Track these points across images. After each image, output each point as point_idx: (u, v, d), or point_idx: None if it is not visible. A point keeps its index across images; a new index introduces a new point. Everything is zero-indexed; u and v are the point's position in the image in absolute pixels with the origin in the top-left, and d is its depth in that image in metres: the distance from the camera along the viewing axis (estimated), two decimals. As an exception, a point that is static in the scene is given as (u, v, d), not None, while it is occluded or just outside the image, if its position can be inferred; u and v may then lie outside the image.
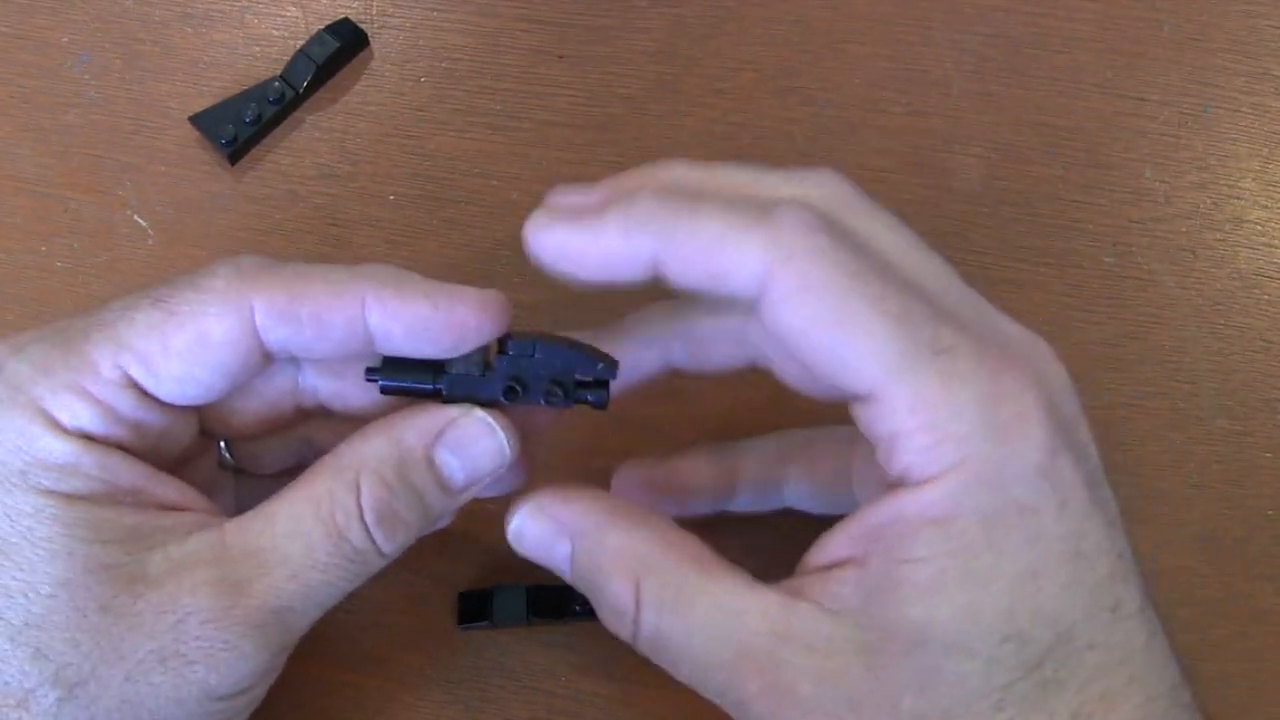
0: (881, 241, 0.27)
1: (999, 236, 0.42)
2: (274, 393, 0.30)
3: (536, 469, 0.32)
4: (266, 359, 0.28)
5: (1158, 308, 0.41)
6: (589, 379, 0.29)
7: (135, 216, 0.42)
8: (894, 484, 0.25)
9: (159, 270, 0.41)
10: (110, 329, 0.27)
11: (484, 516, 0.33)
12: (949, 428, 0.24)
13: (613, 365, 0.29)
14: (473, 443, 0.28)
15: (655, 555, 0.27)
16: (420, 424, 0.28)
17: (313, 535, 0.27)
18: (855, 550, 0.26)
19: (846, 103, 0.44)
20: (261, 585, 0.26)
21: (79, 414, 0.26)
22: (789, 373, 0.30)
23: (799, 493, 0.34)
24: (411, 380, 0.29)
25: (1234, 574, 0.37)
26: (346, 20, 0.45)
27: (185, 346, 0.27)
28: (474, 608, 0.35)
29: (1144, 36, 0.45)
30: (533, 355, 0.28)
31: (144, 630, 0.25)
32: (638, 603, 0.26)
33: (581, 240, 0.27)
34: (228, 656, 0.26)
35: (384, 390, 0.29)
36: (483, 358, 0.29)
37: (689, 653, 0.26)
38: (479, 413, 0.28)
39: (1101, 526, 0.25)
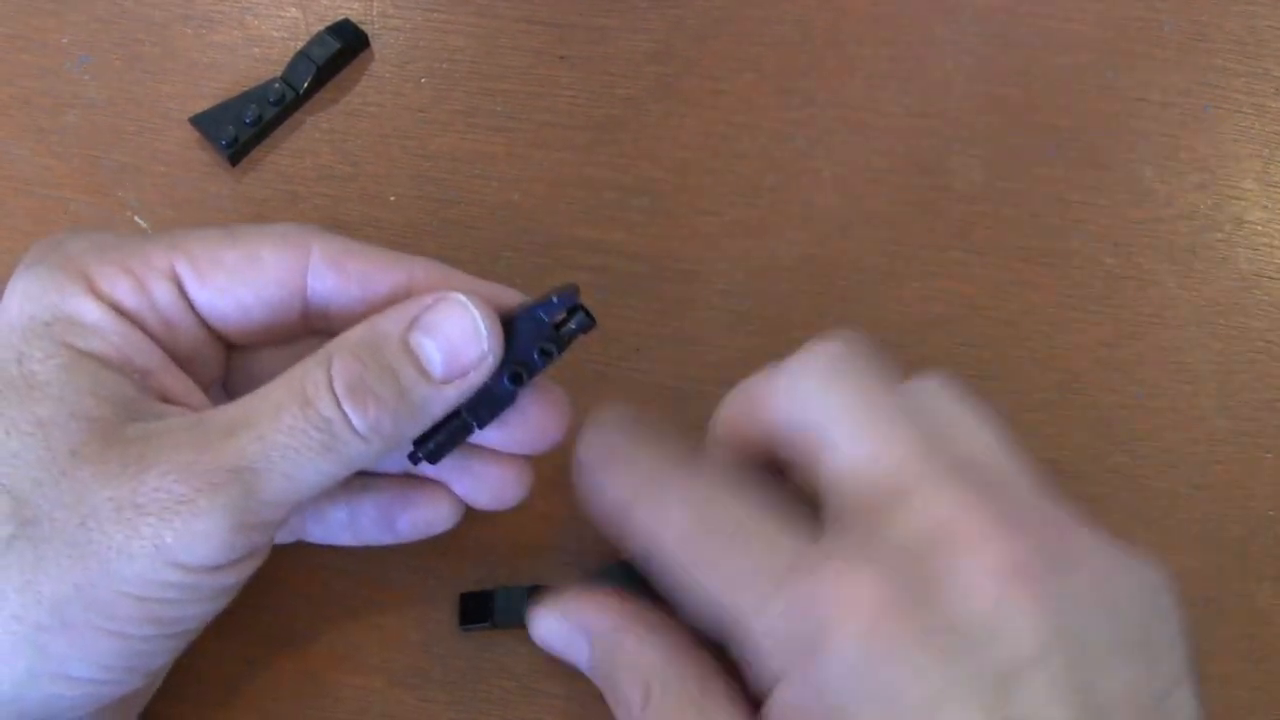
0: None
1: (999, 236, 0.42)
2: None
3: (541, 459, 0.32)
4: (305, 315, 0.30)
5: (1158, 308, 0.41)
6: (561, 316, 0.29)
7: (135, 217, 0.42)
8: None
9: (159, 271, 0.41)
10: (172, 235, 0.30)
11: (484, 518, 0.34)
12: None
13: (570, 288, 0.29)
14: (445, 322, 0.28)
15: (666, 666, 0.28)
16: (397, 311, 0.29)
17: (281, 402, 0.27)
18: None
19: (846, 103, 0.44)
20: (225, 445, 0.27)
21: (118, 286, 0.28)
22: None
23: None
24: (445, 431, 0.30)
25: (1234, 574, 0.37)
26: (347, 21, 0.45)
27: (236, 262, 0.29)
28: (475, 609, 0.35)
29: (1144, 36, 0.45)
30: (510, 338, 0.29)
31: (105, 478, 0.26)
32: (645, 706, 0.28)
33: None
34: (184, 512, 0.26)
35: (431, 457, 0.30)
36: None
37: None
38: (454, 294, 0.29)
39: None
